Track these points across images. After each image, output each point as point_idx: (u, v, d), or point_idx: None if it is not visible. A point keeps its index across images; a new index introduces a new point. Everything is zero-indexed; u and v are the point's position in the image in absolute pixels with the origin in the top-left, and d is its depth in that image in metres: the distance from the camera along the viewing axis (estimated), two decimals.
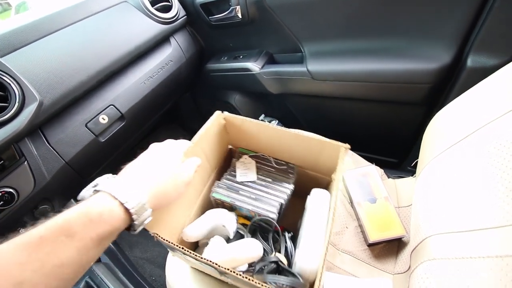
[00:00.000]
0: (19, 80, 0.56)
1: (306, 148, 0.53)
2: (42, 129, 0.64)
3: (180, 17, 0.98)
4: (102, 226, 0.29)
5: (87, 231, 0.28)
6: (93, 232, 0.28)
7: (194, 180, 0.50)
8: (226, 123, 0.57)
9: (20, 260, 0.24)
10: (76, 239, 0.27)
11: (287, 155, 0.59)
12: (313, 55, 0.89)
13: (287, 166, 0.60)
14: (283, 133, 0.52)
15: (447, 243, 0.39)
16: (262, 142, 0.58)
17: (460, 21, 0.63)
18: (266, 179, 0.57)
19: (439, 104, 0.77)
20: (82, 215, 0.28)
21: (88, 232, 0.28)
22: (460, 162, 0.44)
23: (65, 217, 0.28)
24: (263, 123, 0.53)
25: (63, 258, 0.26)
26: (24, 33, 0.64)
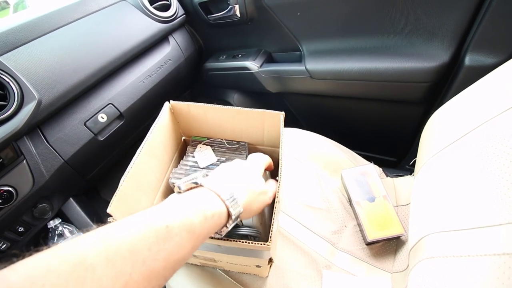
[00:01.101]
0: (18, 78, 0.56)
1: (250, 123, 0.57)
2: (41, 127, 0.64)
3: (178, 16, 0.98)
4: (212, 226, 0.29)
5: (203, 229, 0.28)
6: (206, 230, 0.28)
7: (154, 171, 0.53)
8: (175, 113, 0.58)
9: (151, 247, 0.23)
10: (194, 236, 0.27)
11: (237, 134, 0.62)
12: (311, 54, 0.90)
13: (238, 144, 0.63)
14: (226, 110, 0.54)
15: (445, 242, 0.39)
16: (210, 125, 0.60)
17: (458, 19, 0.63)
18: (221, 158, 0.61)
19: (437, 102, 0.77)
20: (200, 212, 0.28)
21: (203, 230, 0.28)
22: (458, 160, 0.44)
23: (182, 211, 0.27)
24: (207, 105, 0.55)
25: (183, 254, 0.26)
26: (23, 32, 0.64)
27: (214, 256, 0.44)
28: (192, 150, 0.61)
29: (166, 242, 0.24)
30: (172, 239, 0.25)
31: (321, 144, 0.79)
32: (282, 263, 0.56)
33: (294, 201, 0.67)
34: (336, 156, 0.76)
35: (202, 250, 0.41)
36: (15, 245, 0.65)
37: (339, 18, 0.77)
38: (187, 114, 0.58)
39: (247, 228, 0.44)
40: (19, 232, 0.65)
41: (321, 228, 0.63)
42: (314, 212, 0.65)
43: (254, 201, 0.36)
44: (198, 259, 0.49)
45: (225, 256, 0.42)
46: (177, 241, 0.25)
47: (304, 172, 0.73)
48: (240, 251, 0.38)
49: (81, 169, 0.75)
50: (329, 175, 0.74)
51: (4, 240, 0.62)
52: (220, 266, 0.52)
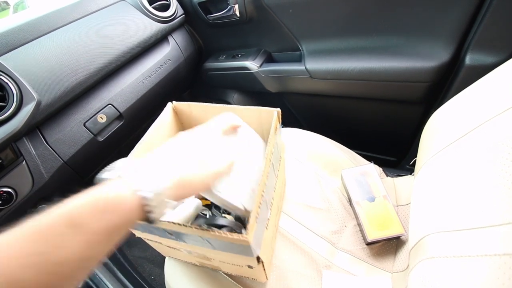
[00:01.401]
0: (17, 79, 0.56)
1: (248, 121, 0.56)
2: (41, 128, 0.64)
3: (178, 16, 0.98)
4: (111, 216, 0.25)
5: (94, 222, 0.24)
6: (101, 223, 0.25)
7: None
8: (178, 113, 0.58)
9: (20, 253, 0.22)
10: (82, 231, 0.24)
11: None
12: (311, 54, 0.89)
13: None
14: (224, 108, 0.54)
15: (446, 242, 0.39)
16: None
17: (458, 19, 0.63)
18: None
19: (437, 102, 0.77)
20: (89, 203, 0.25)
21: (95, 223, 0.24)
22: (458, 160, 0.44)
23: (71, 205, 0.25)
24: (207, 104, 0.55)
25: (66, 253, 0.23)
26: (22, 32, 0.64)
27: (204, 252, 0.44)
28: None
29: (40, 245, 0.22)
30: (48, 240, 0.23)
31: (321, 144, 0.79)
32: (282, 263, 0.56)
33: (294, 201, 0.67)
34: (336, 156, 0.76)
35: (189, 243, 0.41)
36: None
37: (339, 17, 0.77)
38: (189, 114, 0.58)
39: (225, 219, 0.45)
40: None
41: (321, 228, 0.63)
42: (314, 212, 0.65)
43: (193, 176, 0.31)
44: (194, 257, 0.49)
45: (214, 252, 0.42)
46: (57, 240, 0.23)
47: (304, 172, 0.72)
48: (225, 246, 0.38)
49: (81, 169, 0.74)
50: (329, 175, 0.74)
51: None
52: (216, 266, 0.52)
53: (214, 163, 0.33)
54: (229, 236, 0.33)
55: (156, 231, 0.39)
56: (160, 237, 0.42)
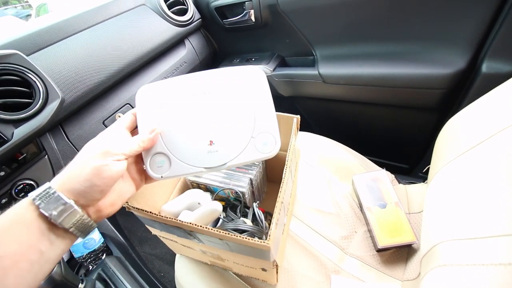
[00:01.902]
0: (44, 78, 0.59)
1: None
2: (63, 125, 0.67)
3: (195, 20, 1.01)
4: (16, 236, 0.25)
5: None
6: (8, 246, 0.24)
7: None
8: None
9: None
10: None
11: None
12: (325, 59, 0.90)
13: None
14: None
15: (458, 250, 0.38)
16: None
17: (475, 26, 0.62)
18: None
19: (452, 109, 0.76)
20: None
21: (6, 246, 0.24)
22: (472, 168, 0.44)
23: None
24: None
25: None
26: (49, 34, 0.68)
27: (219, 253, 0.44)
28: None
29: None
30: None
31: (332, 149, 0.79)
32: (291, 266, 0.57)
33: (304, 205, 0.67)
34: (347, 161, 0.76)
35: (207, 244, 0.41)
36: None
37: (354, 23, 0.78)
38: None
39: (249, 225, 0.45)
40: None
41: (331, 233, 0.63)
42: (324, 217, 0.65)
43: (90, 182, 0.28)
44: (207, 256, 0.50)
45: (230, 254, 0.42)
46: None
47: (314, 176, 0.73)
48: (242, 249, 0.38)
49: None
50: (339, 180, 0.74)
51: None
52: (228, 267, 0.53)
53: (111, 168, 0.29)
54: (251, 241, 0.33)
55: (176, 230, 0.40)
56: (178, 237, 0.43)
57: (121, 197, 0.33)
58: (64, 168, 0.29)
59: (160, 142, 0.35)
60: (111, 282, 0.61)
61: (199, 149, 0.35)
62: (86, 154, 0.29)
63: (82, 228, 0.29)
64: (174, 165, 0.35)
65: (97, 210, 0.30)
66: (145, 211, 0.38)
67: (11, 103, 0.55)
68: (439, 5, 0.64)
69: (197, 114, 0.35)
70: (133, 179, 0.35)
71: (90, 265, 0.70)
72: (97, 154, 0.29)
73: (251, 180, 0.60)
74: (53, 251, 0.27)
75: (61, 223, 0.27)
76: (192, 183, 0.62)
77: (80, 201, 0.28)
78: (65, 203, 0.27)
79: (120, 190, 0.33)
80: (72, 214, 0.27)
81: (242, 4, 0.93)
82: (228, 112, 0.35)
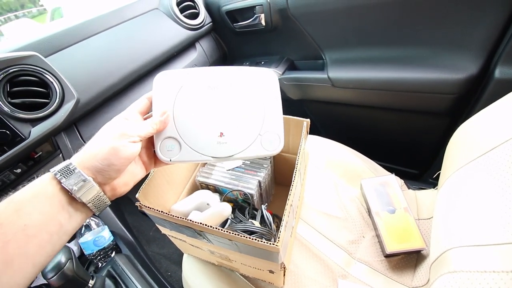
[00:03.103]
0: (60, 79, 0.61)
1: None
2: (77, 125, 0.69)
3: (206, 24, 1.03)
4: (38, 207, 0.26)
5: (15, 219, 0.25)
6: (21, 220, 0.25)
7: (183, 167, 0.53)
8: None
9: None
10: (2, 231, 0.24)
11: None
12: (334, 63, 0.90)
13: None
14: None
15: (469, 256, 0.38)
16: None
17: (488, 31, 0.61)
18: (246, 162, 0.63)
19: (463, 115, 0.75)
20: (11, 200, 0.26)
21: (16, 220, 0.25)
22: (484, 174, 0.43)
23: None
24: None
25: (9, 248, 0.24)
26: (65, 36, 0.70)
27: (228, 254, 0.45)
28: None
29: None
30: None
31: (340, 152, 0.79)
32: (297, 269, 0.57)
33: (311, 208, 0.67)
34: (356, 165, 0.76)
35: (216, 245, 0.42)
36: None
37: (364, 27, 0.78)
38: None
39: (257, 227, 0.45)
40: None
41: (338, 237, 0.62)
42: (331, 220, 0.65)
43: (105, 151, 0.30)
44: (215, 257, 0.50)
45: (238, 255, 0.43)
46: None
47: (322, 179, 0.73)
48: (251, 251, 0.39)
49: None
50: (347, 184, 0.73)
51: None
52: (235, 268, 0.53)
53: (125, 149, 0.31)
54: (260, 243, 0.34)
55: (185, 230, 0.40)
56: (187, 236, 0.44)
57: (133, 178, 0.35)
58: (83, 147, 0.31)
59: (172, 126, 0.36)
60: (120, 280, 0.62)
61: (209, 138, 0.36)
62: (104, 135, 0.31)
63: (98, 204, 0.31)
64: (184, 151, 0.36)
65: (112, 189, 0.32)
66: (157, 210, 0.38)
67: (29, 103, 0.57)
68: (450, 10, 0.64)
69: (210, 106, 0.37)
70: (144, 162, 0.37)
71: (99, 262, 0.71)
72: (115, 136, 0.30)
73: (260, 182, 0.60)
74: (70, 224, 0.29)
75: (81, 197, 0.29)
76: (201, 184, 0.62)
77: (97, 179, 0.30)
78: (84, 179, 0.29)
79: (132, 172, 0.35)
80: (91, 190, 0.29)
81: (252, 8, 0.95)
82: (240, 108, 0.37)
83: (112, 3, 0.84)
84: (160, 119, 0.35)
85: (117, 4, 0.85)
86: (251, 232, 0.46)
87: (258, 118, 0.37)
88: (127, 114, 0.34)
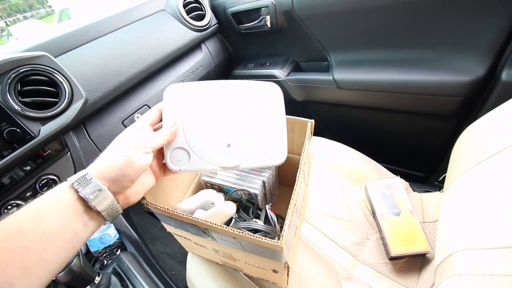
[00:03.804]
0: (69, 78, 0.62)
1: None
2: (85, 124, 0.70)
3: (212, 25, 1.03)
4: (57, 215, 0.27)
5: (33, 226, 0.26)
6: (40, 227, 0.26)
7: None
8: None
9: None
10: (21, 238, 0.25)
11: None
12: (339, 64, 0.90)
13: None
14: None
15: (475, 260, 0.38)
16: None
17: (495, 33, 0.61)
18: None
19: (470, 117, 0.75)
20: (30, 209, 0.27)
21: (35, 227, 0.26)
22: (490, 177, 0.43)
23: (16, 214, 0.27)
24: None
25: (32, 253, 0.25)
26: (75, 37, 0.71)
27: (232, 252, 0.45)
28: None
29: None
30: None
31: (345, 154, 0.79)
32: (301, 270, 0.57)
33: (315, 210, 0.67)
34: (360, 166, 0.76)
35: (220, 243, 0.42)
36: None
37: (370, 29, 0.78)
38: None
39: (261, 225, 0.46)
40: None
41: (342, 239, 0.62)
42: (336, 222, 0.65)
43: (120, 162, 0.31)
44: (219, 256, 0.50)
45: (242, 253, 0.43)
46: (8, 245, 0.24)
47: (326, 181, 0.73)
48: (255, 249, 0.39)
49: None
50: (352, 186, 0.73)
51: None
52: (239, 267, 0.53)
53: (139, 160, 0.32)
54: (264, 241, 0.34)
55: (191, 228, 0.41)
56: (192, 235, 0.44)
57: (143, 188, 0.36)
58: (98, 158, 0.33)
59: (182, 137, 0.38)
60: (125, 277, 0.62)
61: (217, 149, 0.38)
62: (119, 147, 0.33)
63: (111, 212, 0.32)
64: (193, 160, 0.38)
65: (125, 198, 0.33)
66: (163, 207, 0.39)
67: (39, 102, 0.58)
68: (457, 12, 0.64)
69: (218, 118, 0.38)
70: (154, 172, 0.38)
71: (105, 259, 0.72)
72: (129, 147, 0.32)
73: (264, 182, 0.60)
74: (84, 232, 0.30)
75: (96, 206, 0.30)
76: (206, 183, 0.63)
77: (112, 188, 0.31)
78: (100, 189, 0.30)
79: (143, 181, 0.36)
80: (106, 199, 0.30)
81: (258, 10, 0.95)
82: (246, 120, 0.39)
83: (119, 5, 0.86)
84: (171, 130, 0.36)
85: (125, 6, 0.86)
86: (256, 230, 0.46)
87: (263, 130, 0.39)
88: (139, 125, 0.36)
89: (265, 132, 0.39)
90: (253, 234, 0.35)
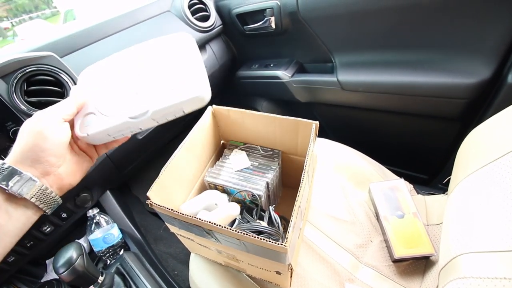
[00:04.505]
0: (75, 78, 0.62)
1: (284, 131, 0.58)
2: None
3: (216, 26, 1.04)
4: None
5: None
6: None
7: (192, 167, 0.55)
8: (217, 116, 0.62)
9: None
10: None
11: (271, 141, 0.64)
12: (344, 66, 0.90)
13: (272, 152, 0.65)
14: (262, 117, 0.57)
15: (479, 262, 0.37)
16: (247, 130, 0.63)
17: (501, 35, 0.61)
18: (254, 163, 0.63)
19: (475, 120, 0.74)
20: None
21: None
22: (495, 180, 0.43)
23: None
24: (244, 111, 0.58)
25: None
26: (80, 38, 0.72)
27: (235, 253, 0.45)
28: (229, 153, 0.65)
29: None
30: None
31: (348, 156, 0.78)
32: (304, 271, 0.57)
33: (318, 211, 0.67)
34: (364, 168, 0.75)
35: (224, 244, 0.42)
36: (57, 229, 0.71)
37: (375, 31, 0.78)
38: (226, 118, 0.61)
39: (265, 226, 0.46)
40: (62, 218, 0.71)
41: (345, 241, 0.62)
42: (339, 224, 0.65)
43: (33, 137, 0.30)
44: (222, 256, 0.50)
45: (245, 255, 0.43)
46: None
47: (330, 183, 0.72)
48: (259, 251, 0.39)
49: (119, 164, 0.80)
50: (355, 187, 0.73)
51: (49, 224, 0.68)
52: (242, 268, 0.53)
53: (46, 111, 0.32)
54: (268, 243, 0.34)
55: (194, 229, 0.41)
56: (196, 235, 0.44)
57: (80, 167, 0.35)
58: (12, 147, 0.31)
59: (91, 103, 0.36)
60: (128, 277, 0.63)
61: (124, 102, 0.36)
62: (26, 127, 0.31)
63: (44, 198, 0.30)
64: (100, 120, 0.35)
65: (58, 179, 0.32)
66: (167, 208, 0.39)
67: (45, 101, 0.59)
68: (463, 14, 0.63)
69: (125, 75, 0.38)
70: (85, 151, 0.37)
71: (108, 259, 0.72)
72: (37, 120, 0.30)
73: (268, 183, 0.60)
74: (12, 224, 0.28)
75: (20, 193, 0.28)
76: (210, 184, 0.63)
77: (37, 170, 0.30)
78: (20, 174, 0.28)
79: (77, 161, 0.35)
80: (29, 183, 0.29)
81: (263, 11, 0.95)
82: (153, 68, 0.37)
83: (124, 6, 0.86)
84: (80, 95, 0.35)
85: (130, 7, 0.86)
86: (259, 232, 0.46)
87: (172, 73, 0.36)
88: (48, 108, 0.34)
89: (175, 74, 0.36)
90: (257, 235, 0.35)
